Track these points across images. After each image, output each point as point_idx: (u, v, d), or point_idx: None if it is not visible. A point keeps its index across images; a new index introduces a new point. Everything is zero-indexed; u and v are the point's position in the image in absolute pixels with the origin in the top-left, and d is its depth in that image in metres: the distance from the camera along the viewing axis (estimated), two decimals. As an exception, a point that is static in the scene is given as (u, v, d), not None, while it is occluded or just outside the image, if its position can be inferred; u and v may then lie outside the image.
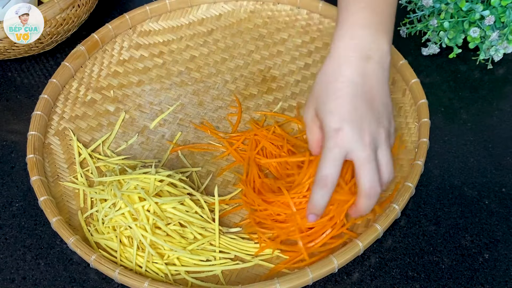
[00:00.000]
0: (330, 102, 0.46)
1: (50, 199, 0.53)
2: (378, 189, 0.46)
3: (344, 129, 0.45)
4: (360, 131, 0.45)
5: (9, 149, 0.62)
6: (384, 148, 0.46)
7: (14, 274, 0.52)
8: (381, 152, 0.46)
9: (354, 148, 0.45)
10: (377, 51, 0.47)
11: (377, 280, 0.50)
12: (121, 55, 0.70)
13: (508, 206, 0.55)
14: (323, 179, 0.45)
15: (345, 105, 0.45)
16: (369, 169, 0.45)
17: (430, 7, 0.66)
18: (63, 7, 0.66)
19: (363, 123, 0.45)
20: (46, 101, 0.62)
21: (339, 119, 0.45)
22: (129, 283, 0.47)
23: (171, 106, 0.65)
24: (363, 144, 0.45)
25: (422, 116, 0.58)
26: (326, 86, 0.47)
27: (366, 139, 0.45)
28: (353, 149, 0.45)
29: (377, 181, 0.46)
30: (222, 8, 0.74)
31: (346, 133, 0.45)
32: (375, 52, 0.46)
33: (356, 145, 0.45)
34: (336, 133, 0.45)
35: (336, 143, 0.45)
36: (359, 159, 0.45)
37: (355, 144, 0.45)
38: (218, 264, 0.51)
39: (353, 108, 0.45)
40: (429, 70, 0.68)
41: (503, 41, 0.64)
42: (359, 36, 0.46)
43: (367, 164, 0.45)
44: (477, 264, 0.51)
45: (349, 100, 0.45)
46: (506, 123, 0.62)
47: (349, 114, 0.45)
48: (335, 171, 0.45)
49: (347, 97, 0.46)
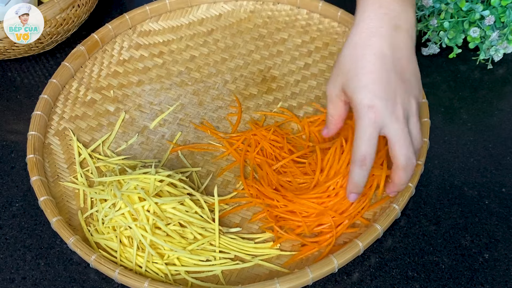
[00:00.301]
0: (361, 77, 0.45)
1: (50, 199, 0.53)
2: (414, 161, 0.46)
3: (377, 105, 0.44)
4: (394, 106, 0.44)
5: (9, 149, 0.62)
6: (414, 119, 0.46)
7: (14, 274, 0.52)
8: (412, 123, 0.46)
9: (387, 123, 0.44)
10: (406, 20, 0.45)
11: (377, 280, 0.50)
12: (121, 55, 0.70)
13: (508, 206, 0.55)
14: (361, 158, 0.45)
15: (377, 80, 0.44)
16: (404, 142, 0.45)
17: (430, 7, 0.66)
18: (63, 7, 0.66)
19: (396, 97, 0.44)
20: (46, 101, 0.62)
21: (372, 95, 0.44)
22: (129, 283, 0.47)
23: (171, 106, 0.65)
24: (396, 119, 0.44)
25: (422, 116, 0.57)
26: (355, 59, 0.45)
27: (400, 113, 0.44)
28: (387, 124, 0.44)
29: (412, 153, 0.46)
30: (222, 8, 0.74)
31: (380, 109, 0.44)
32: (404, 21, 0.45)
33: (390, 120, 0.44)
34: (370, 110, 0.44)
35: (370, 120, 0.44)
36: (394, 134, 0.45)
37: (389, 119, 0.44)
38: (218, 264, 0.51)
39: (386, 82, 0.44)
40: (429, 70, 0.68)
41: (503, 41, 0.64)
42: (387, 5, 0.45)
43: (403, 138, 0.45)
44: (477, 264, 0.51)
45: (381, 75, 0.44)
46: (506, 123, 0.62)
47: (381, 90, 0.44)
48: (372, 150, 0.45)
49: (379, 71, 0.44)
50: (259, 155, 0.58)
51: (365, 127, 0.44)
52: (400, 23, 0.45)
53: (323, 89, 0.65)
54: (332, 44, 0.70)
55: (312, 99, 0.64)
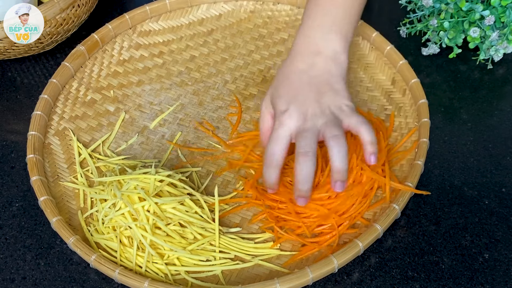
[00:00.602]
0: (281, 88, 0.53)
1: (50, 199, 0.53)
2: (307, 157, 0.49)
3: (289, 109, 0.51)
4: (304, 110, 0.50)
5: (9, 149, 0.62)
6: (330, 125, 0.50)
7: (14, 274, 0.52)
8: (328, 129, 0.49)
9: (299, 126, 0.50)
10: (327, 48, 0.53)
11: (377, 280, 0.50)
12: (121, 55, 0.70)
13: (508, 206, 0.55)
14: (270, 157, 0.50)
15: (292, 89, 0.52)
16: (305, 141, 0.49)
17: (430, 7, 0.66)
18: (63, 7, 0.66)
19: (307, 104, 0.51)
20: (46, 101, 0.62)
21: (286, 102, 0.52)
22: (129, 283, 0.47)
23: (171, 106, 0.65)
24: (304, 119, 0.50)
25: (422, 116, 0.58)
26: (281, 77, 0.54)
27: (309, 116, 0.50)
28: (299, 126, 0.50)
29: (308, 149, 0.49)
30: (222, 8, 0.74)
31: (290, 113, 0.51)
32: (325, 48, 0.53)
33: (299, 122, 0.50)
34: (283, 114, 0.51)
35: (281, 123, 0.51)
36: (301, 131, 0.50)
37: (298, 121, 0.50)
38: (218, 264, 0.51)
39: (298, 91, 0.52)
40: (429, 70, 0.68)
41: (503, 41, 0.64)
42: (310, 35, 0.54)
43: (305, 133, 0.49)
44: (477, 264, 0.51)
45: (296, 86, 0.52)
46: (506, 123, 0.62)
47: (294, 97, 0.51)
48: (280, 149, 0.50)
49: (294, 83, 0.53)
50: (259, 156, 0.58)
51: (276, 128, 0.51)
52: (321, 50, 0.53)
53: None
54: (332, 44, 0.70)
55: (312, 99, 0.64)
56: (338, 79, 0.53)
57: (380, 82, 0.65)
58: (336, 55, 0.53)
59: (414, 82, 0.61)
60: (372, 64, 0.67)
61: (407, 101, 0.62)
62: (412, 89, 0.61)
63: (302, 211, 0.52)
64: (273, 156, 0.50)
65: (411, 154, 0.56)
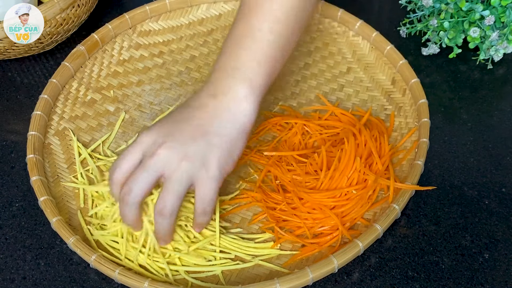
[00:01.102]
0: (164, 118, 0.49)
1: (50, 199, 0.53)
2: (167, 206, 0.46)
3: (151, 131, 0.47)
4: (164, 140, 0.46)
5: (9, 149, 0.62)
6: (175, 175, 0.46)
7: (14, 274, 0.52)
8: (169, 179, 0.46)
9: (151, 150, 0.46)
10: (224, 93, 0.48)
11: (377, 280, 0.50)
12: (121, 55, 0.70)
13: (508, 206, 0.55)
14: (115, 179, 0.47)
15: (169, 121, 0.48)
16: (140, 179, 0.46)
17: (430, 7, 0.66)
18: (63, 7, 0.66)
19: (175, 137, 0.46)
20: (46, 101, 0.62)
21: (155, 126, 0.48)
22: (129, 283, 0.47)
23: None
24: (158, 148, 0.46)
25: (422, 116, 0.58)
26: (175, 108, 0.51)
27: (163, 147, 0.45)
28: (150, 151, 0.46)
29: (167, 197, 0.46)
30: (222, 8, 0.74)
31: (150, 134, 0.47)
32: (223, 93, 0.48)
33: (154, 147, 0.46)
34: (144, 134, 0.47)
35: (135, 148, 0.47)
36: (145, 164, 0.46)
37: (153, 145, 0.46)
38: (218, 264, 0.51)
39: (173, 124, 0.47)
40: (429, 70, 0.68)
41: (503, 41, 0.64)
42: (211, 78, 0.49)
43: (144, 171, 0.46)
44: (477, 264, 0.51)
45: (175, 118, 0.48)
46: (506, 123, 0.62)
47: (164, 126, 0.47)
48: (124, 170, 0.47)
49: (176, 116, 0.48)
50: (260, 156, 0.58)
51: (128, 148, 0.47)
52: (217, 93, 0.48)
53: (323, 89, 0.65)
54: (332, 44, 0.70)
55: (312, 99, 0.64)
56: (223, 132, 0.47)
57: (380, 82, 0.65)
58: (231, 102, 0.48)
59: (414, 82, 0.61)
60: (372, 64, 0.67)
61: (407, 101, 0.62)
62: (412, 89, 0.61)
63: (305, 211, 0.52)
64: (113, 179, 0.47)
65: (411, 154, 0.57)
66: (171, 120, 0.48)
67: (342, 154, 0.54)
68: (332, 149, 0.56)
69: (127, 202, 0.46)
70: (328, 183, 0.53)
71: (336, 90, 0.65)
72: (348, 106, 0.63)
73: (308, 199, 0.52)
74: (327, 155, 0.55)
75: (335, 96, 0.65)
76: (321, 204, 0.52)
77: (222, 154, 0.47)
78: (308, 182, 0.54)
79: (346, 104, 0.64)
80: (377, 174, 0.53)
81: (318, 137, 0.59)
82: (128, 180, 0.46)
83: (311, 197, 0.52)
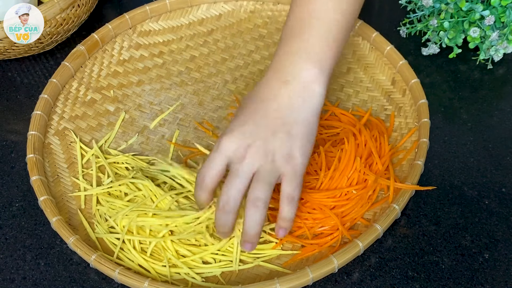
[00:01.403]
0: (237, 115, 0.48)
1: (50, 199, 0.53)
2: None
3: (233, 132, 0.46)
4: (247, 144, 0.46)
5: (9, 149, 0.62)
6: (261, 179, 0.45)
7: (14, 274, 0.52)
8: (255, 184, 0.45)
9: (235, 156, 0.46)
10: (293, 76, 0.47)
11: (377, 280, 0.50)
12: (121, 55, 0.70)
13: (508, 206, 0.55)
14: (200, 180, 0.47)
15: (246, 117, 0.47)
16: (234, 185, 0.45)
17: (430, 7, 0.66)
18: (63, 7, 0.66)
19: (254, 137, 0.46)
20: (46, 101, 0.62)
21: (234, 125, 0.47)
22: (129, 283, 0.47)
23: (171, 106, 0.65)
24: (243, 155, 0.45)
25: (422, 116, 0.58)
26: (243, 102, 0.50)
27: (248, 154, 0.45)
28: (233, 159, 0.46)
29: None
30: (222, 8, 0.74)
31: (232, 137, 0.46)
32: (292, 77, 0.47)
33: (238, 152, 0.46)
34: (225, 135, 0.46)
35: (219, 151, 0.46)
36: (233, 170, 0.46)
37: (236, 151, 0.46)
38: (218, 265, 0.51)
39: (250, 121, 0.47)
40: (429, 70, 0.68)
41: (503, 41, 0.64)
42: (280, 62, 0.48)
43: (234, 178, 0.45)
44: (477, 264, 0.51)
45: (251, 114, 0.47)
46: (506, 123, 0.62)
47: (243, 124, 0.47)
48: (212, 173, 0.46)
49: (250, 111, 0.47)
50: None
51: (212, 154, 0.47)
52: (289, 79, 0.47)
53: (323, 89, 0.65)
54: (332, 44, 0.70)
55: (312, 99, 0.64)
56: (299, 119, 0.47)
57: (380, 82, 0.65)
58: (305, 86, 0.47)
59: (414, 82, 0.61)
60: (372, 64, 0.67)
61: (407, 101, 0.62)
62: (412, 89, 0.61)
63: (305, 211, 0.52)
64: (204, 179, 0.47)
65: (411, 154, 0.57)
66: (248, 118, 0.47)
67: (342, 154, 0.54)
68: (332, 149, 0.56)
69: (227, 211, 0.45)
70: (328, 183, 0.53)
71: (336, 90, 0.65)
72: (348, 106, 0.63)
73: (308, 199, 0.52)
74: (327, 155, 0.55)
75: (335, 96, 0.65)
76: (321, 204, 0.52)
77: (302, 142, 0.47)
78: (308, 182, 0.54)
79: (346, 104, 0.64)
80: (377, 174, 0.53)
81: (318, 137, 0.59)
82: (224, 189, 0.46)
83: (311, 197, 0.52)
